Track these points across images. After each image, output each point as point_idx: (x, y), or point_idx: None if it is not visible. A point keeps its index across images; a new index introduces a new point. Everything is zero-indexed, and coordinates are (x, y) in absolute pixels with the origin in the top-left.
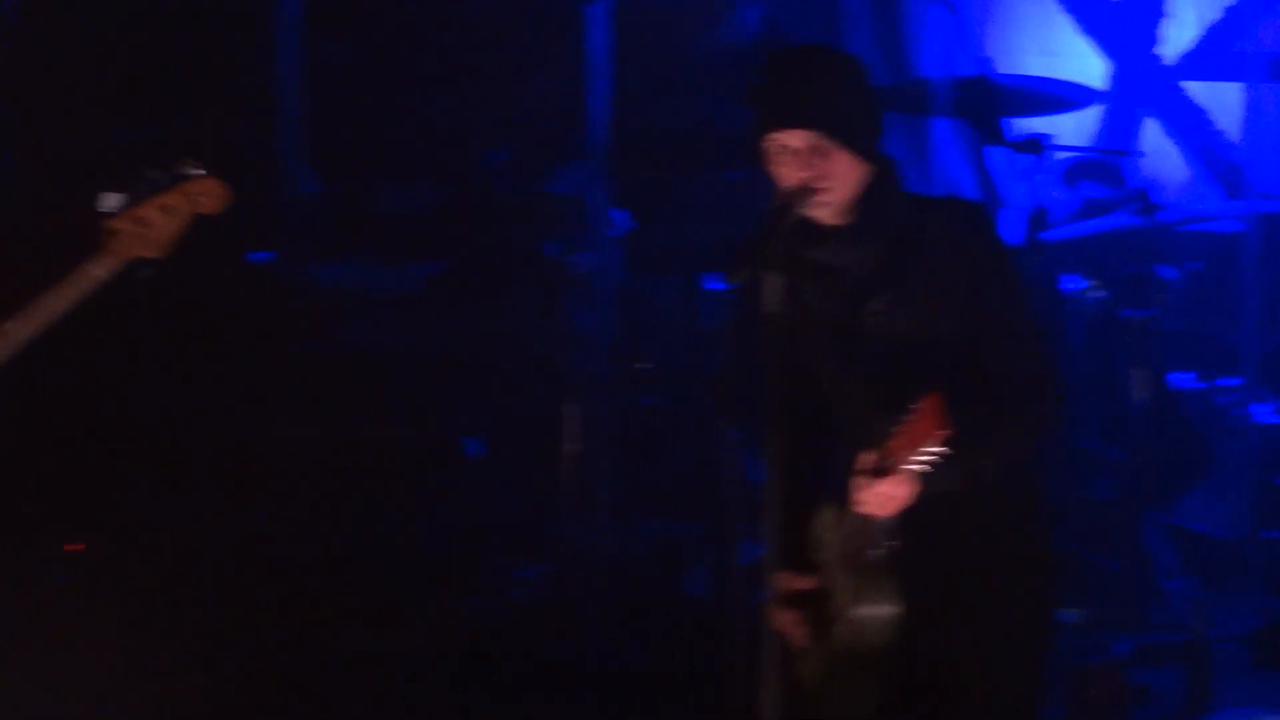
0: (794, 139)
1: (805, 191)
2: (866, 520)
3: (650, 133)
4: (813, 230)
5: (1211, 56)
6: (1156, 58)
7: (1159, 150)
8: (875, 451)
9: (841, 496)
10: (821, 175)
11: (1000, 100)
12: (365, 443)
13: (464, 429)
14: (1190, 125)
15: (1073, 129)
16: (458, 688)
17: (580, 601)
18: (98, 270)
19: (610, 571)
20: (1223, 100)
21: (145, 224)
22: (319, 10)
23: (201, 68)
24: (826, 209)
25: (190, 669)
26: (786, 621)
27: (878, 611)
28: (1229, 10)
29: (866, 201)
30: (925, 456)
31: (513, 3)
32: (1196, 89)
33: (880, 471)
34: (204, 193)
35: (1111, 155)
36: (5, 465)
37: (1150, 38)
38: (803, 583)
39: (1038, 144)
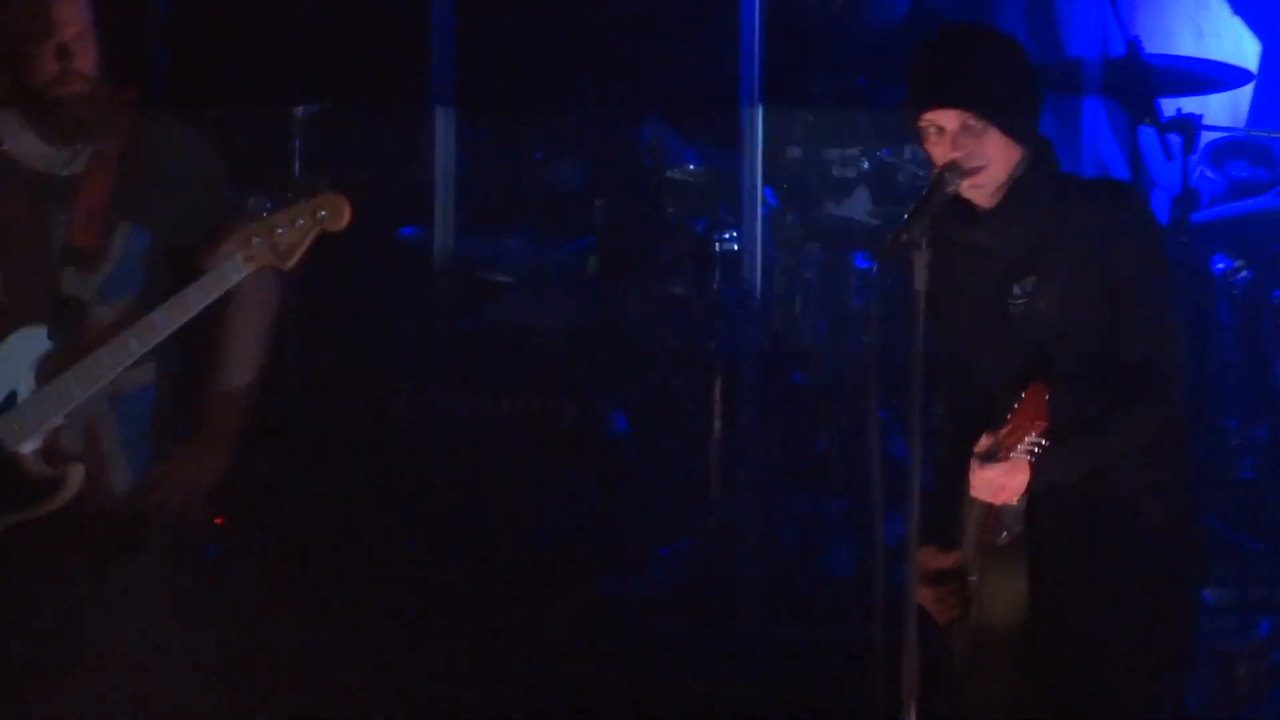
0: (947, 119)
1: (957, 171)
2: (991, 505)
3: (799, 109)
4: (966, 210)
5: None
6: None
7: None
8: (987, 439)
9: None
10: (973, 155)
11: (1151, 80)
12: (514, 416)
13: (612, 404)
14: None
15: (1223, 109)
16: (603, 662)
17: (725, 579)
18: (232, 274)
19: (755, 549)
20: None
21: (276, 234)
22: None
23: (359, 46)
24: (979, 190)
25: (341, 635)
26: (928, 598)
27: (1002, 589)
28: None
29: (1019, 184)
30: (1030, 445)
31: None
32: None
33: (989, 458)
34: (331, 209)
35: (1261, 136)
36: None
37: None
38: (944, 560)
39: (1189, 124)
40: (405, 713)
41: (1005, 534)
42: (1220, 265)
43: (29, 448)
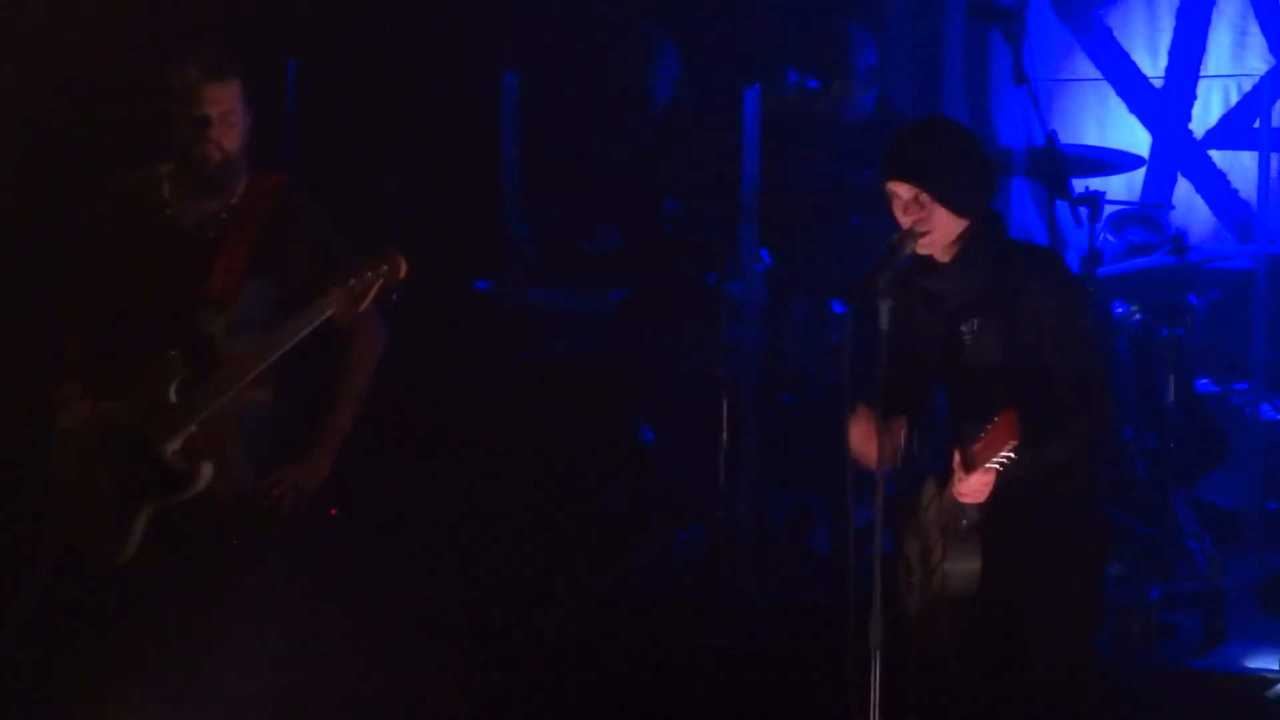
0: (900, 188)
1: (913, 235)
2: (957, 499)
3: (789, 188)
4: (927, 262)
5: (1230, 131)
6: (1189, 132)
7: (1189, 204)
8: (963, 451)
9: (942, 474)
10: (922, 221)
11: (1065, 164)
12: (564, 431)
13: (641, 420)
14: (1213, 185)
15: (1122, 187)
16: (635, 621)
17: (729, 555)
18: (322, 311)
19: (754, 532)
20: (1239, 165)
21: (350, 284)
22: (531, 97)
23: (444, 139)
24: (930, 248)
25: (424, 612)
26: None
27: (964, 566)
28: (1244, 96)
29: (968, 246)
30: (1002, 457)
31: (686, 86)
32: (1218, 156)
33: (969, 467)
34: (391, 265)
35: (1152, 208)
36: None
37: (1184, 116)
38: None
39: (1095, 199)
40: (475, 647)
41: (965, 522)
42: (1120, 310)
43: (171, 447)
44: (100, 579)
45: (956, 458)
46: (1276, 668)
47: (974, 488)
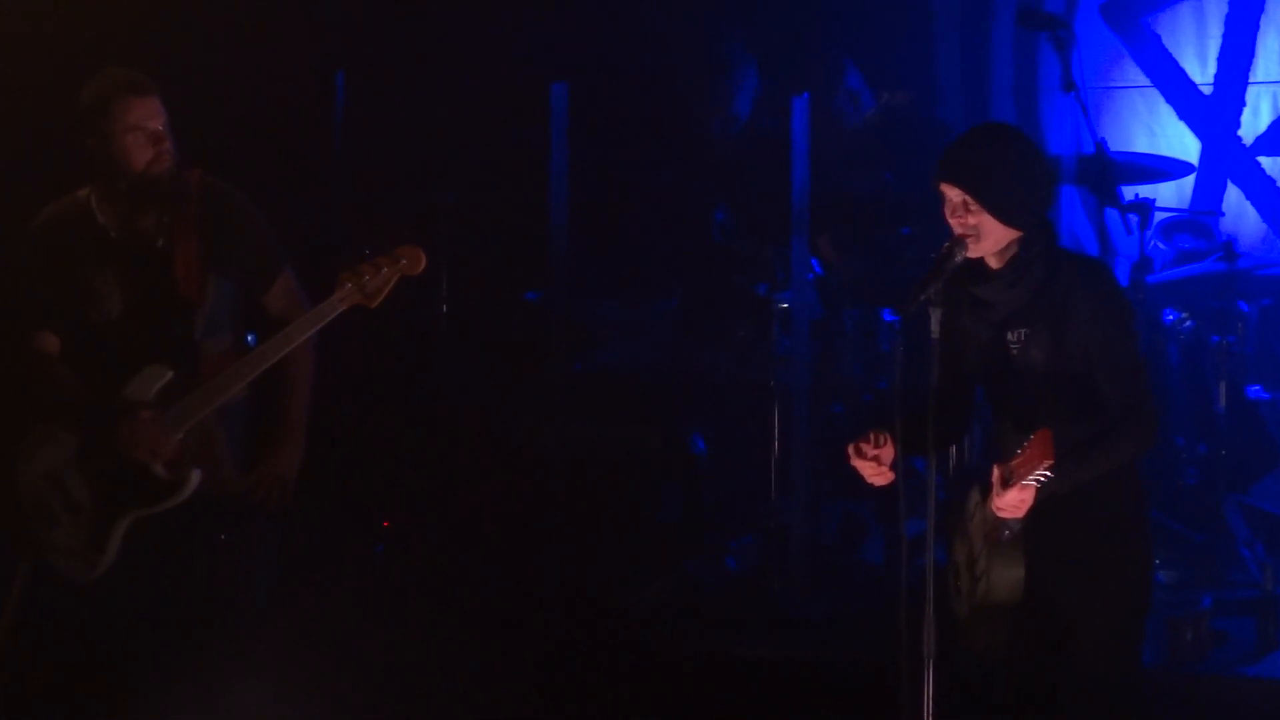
0: (951, 191)
1: (962, 243)
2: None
3: (839, 199)
4: (977, 270)
5: None
6: (1238, 138)
7: (1239, 211)
8: (1002, 466)
9: (987, 482)
10: (970, 226)
11: (1114, 172)
12: (617, 439)
13: (693, 429)
14: (1263, 191)
15: (1172, 194)
16: (688, 630)
17: (781, 565)
18: (329, 311)
19: (806, 542)
20: None
21: (364, 280)
22: (581, 115)
23: (494, 150)
24: (980, 253)
25: (477, 623)
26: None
27: (1007, 575)
28: None
29: (1018, 255)
30: (1039, 475)
31: (744, 100)
32: (1268, 163)
33: (1006, 483)
34: (410, 258)
35: (1202, 215)
36: (349, 459)
37: (1233, 122)
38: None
39: (1145, 206)
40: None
41: (1008, 532)
42: (1170, 317)
43: (160, 458)
44: (96, 585)
45: (996, 472)
46: None
47: (1011, 503)
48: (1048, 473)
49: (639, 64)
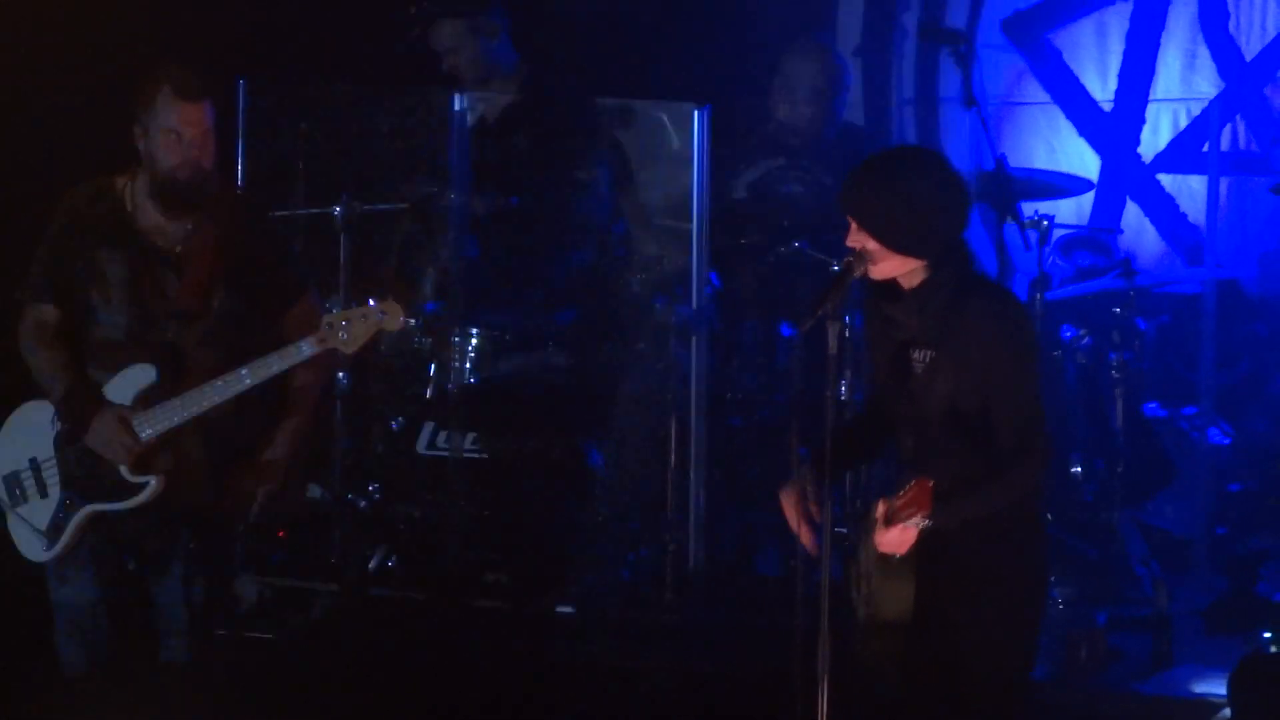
0: (850, 218)
1: (861, 258)
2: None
3: (737, 212)
4: (889, 286)
5: (1179, 155)
6: (1138, 156)
7: (1138, 228)
8: (883, 504)
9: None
10: (867, 252)
11: (1014, 188)
12: (512, 453)
13: (591, 441)
14: (1162, 209)
15: (1071, 211)
16: (582, 642)
17: (677, 578)
18: (307, 349)
19: (702, 554)
20: (1187, 189)
21: (343, 325)
22: (483, 125)
23: (392, 160)
24: (880, 277)
25: (372, 623)
26: (804, 534)
27: (896, 593)
28: (1193, 120)
29: (925, 280)
30: (917, 521)
31: (637, 112)
32: (1167, 180)
33: (887, 521)
34: (390, 313)
35: (1101, 232)
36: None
37: (1133, 140)
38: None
39: (1044, 223)
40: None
41: (897, 556)
42: (1068, 334)
43: (128, 459)
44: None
45: (880, 508)
46: (1223, 693)
47: (891, 542)
48: (925, 520)
49: (542, 75)
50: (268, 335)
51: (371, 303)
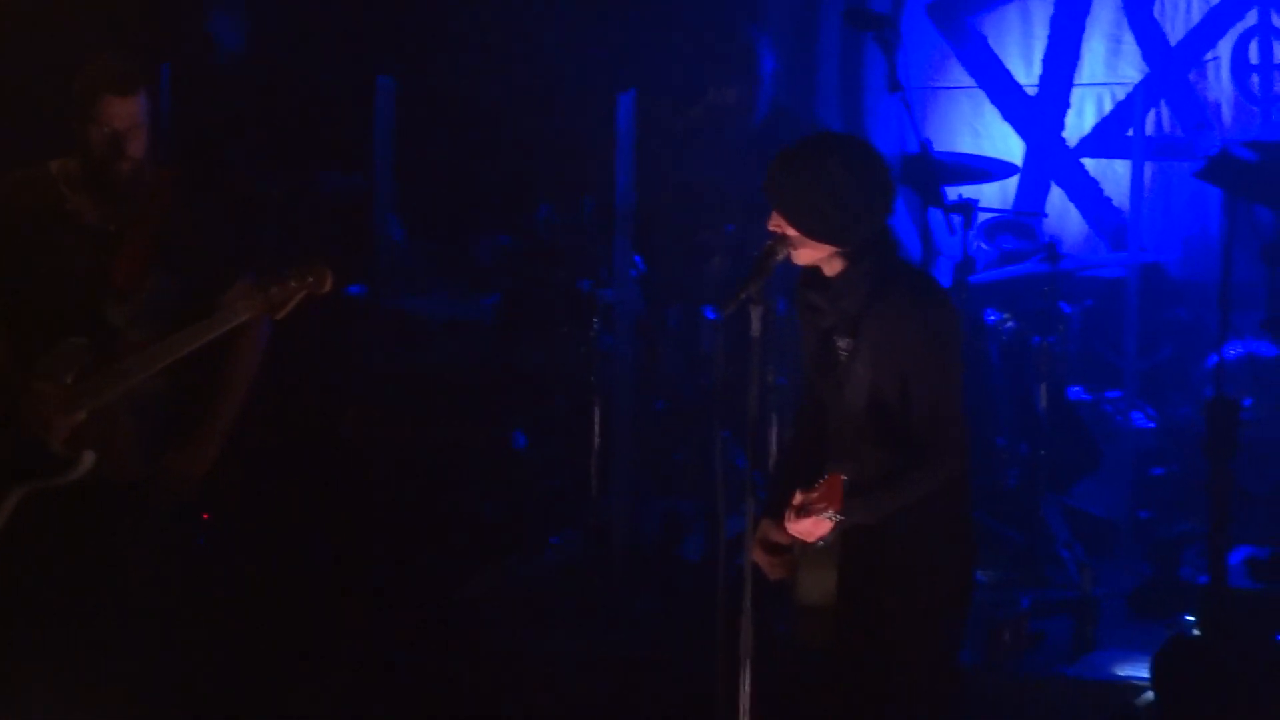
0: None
1: (784, 241)
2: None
3: (663, 195)
4: (814, 273)
5: (1104, 140)
6: (1062, 140)
7: (1062, 212)
8: (800, 495)
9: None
10: (788, 239)
11: (939, 172)
12: (438, 436)
13: (515, 425)
14: (1086, 193)
15: (995, 195)
16: (507, 625)
17: (602, 561)
18: (235, 316)
19: (626, 539)
20: (1111, 174)
21: (272, 291)
22: (408, 104)
23: (318, 142)
24: (803, 264)
25: (295, 616)
26: (764, 562)
27: (819, 578)
28: (1118, 104)
29: (848, 267)
30: (830, 515)
31: (563, 94)
32: (1091, 165)
33: (802, 512)
34: (317, 277)
35: (1025, 216)
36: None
37: (1058, 124)
38: (780, 534)
39: (968, 207)
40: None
41: (821, 541)
42: (992, 318)
43: (58, 433)
44: None
45: (797, 497)
46: (1146, 676)
47: (802, 531)
48: (838, 515)
49: (465, 60)
50: (202, 317)
51: (301, 268)
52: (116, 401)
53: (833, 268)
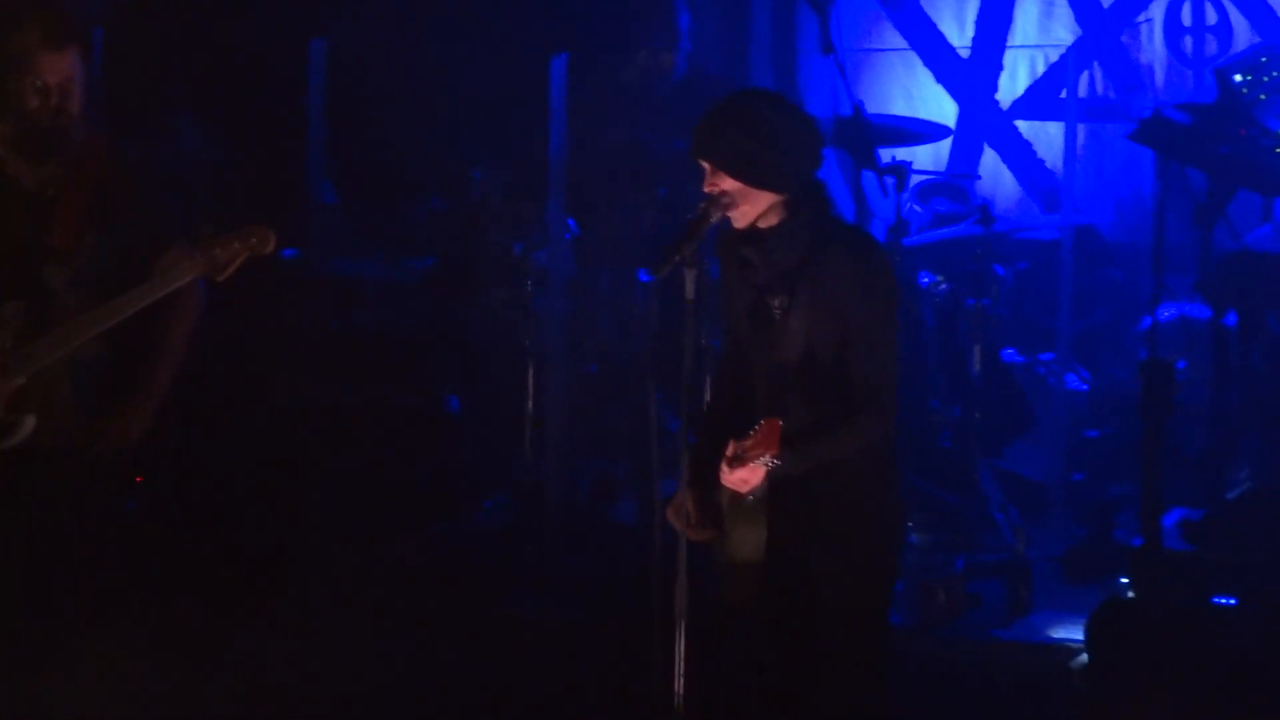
0: (702, 162)
1: (717, 202)
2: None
3: (596, 156)
4: (749, 230)
5: (1037, 102)
6: (995, 102)
7: (995, 175)
8: (734, 445)
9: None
10: (724, 195)
11: (872, 134)
12: (371, 400)
13: (447, 389)
14: (1020, 155)
15: (929, 157)
16: (440, 589)
17: (535, 525)
18: (176, 278)
19: (559, 502)
20: (1045, 136)
21: (215, 252)
22: (340, 67)
23: (251, 105)
24: (741, 220)
25: (225, 584)
26: (681, 525)
27: (748, 535)
28: (1051, 67)
29: (785, 219)
30: (765, 461)
31: (494, 56)
32: (1025, 127)
33: (736, 461)
34: (260, 238)
35: (959, 178)
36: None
37: (991, 86)
38: (702, 497)
39: (901, 169)
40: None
41: (751, 495)
42: (925, 280)
43: None
44: None
45: (730, 448)
46: (1080, 638)
47: (737, 481)
48: (774, 460)
49: (398, 22)
50: (138, 281)
51: (243, 229)
52: (56, 367)
53: (768, 220)
